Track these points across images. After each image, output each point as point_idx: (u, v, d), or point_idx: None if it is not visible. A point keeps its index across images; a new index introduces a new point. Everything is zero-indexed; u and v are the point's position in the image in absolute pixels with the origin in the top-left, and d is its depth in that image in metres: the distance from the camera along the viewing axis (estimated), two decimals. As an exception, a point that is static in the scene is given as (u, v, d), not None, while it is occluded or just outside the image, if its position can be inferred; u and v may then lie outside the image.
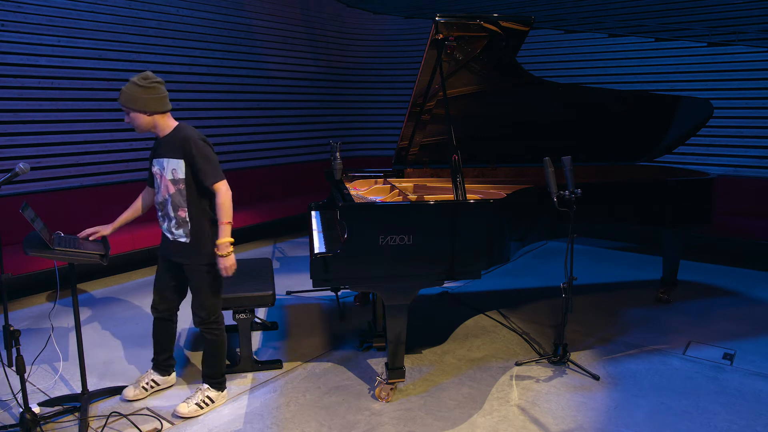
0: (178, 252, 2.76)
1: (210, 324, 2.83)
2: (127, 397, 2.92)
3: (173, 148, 2.64)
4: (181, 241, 2.73)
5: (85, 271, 5.09)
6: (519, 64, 3.49)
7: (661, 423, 2.72)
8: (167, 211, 2.72)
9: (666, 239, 4.38)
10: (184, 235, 2.72)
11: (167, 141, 2.68)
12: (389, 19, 8.40)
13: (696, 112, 4.27)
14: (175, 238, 2.74)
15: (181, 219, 2.71)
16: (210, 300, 2.81)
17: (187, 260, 2.75)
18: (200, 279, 2.77)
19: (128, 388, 2.96)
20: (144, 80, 2.59)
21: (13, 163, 4.79)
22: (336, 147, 3.59)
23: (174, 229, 2.73)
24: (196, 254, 2.74)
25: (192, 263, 2.75)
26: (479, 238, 2.88)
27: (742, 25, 5.93)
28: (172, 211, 2.70)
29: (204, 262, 2.75)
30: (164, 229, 2.79)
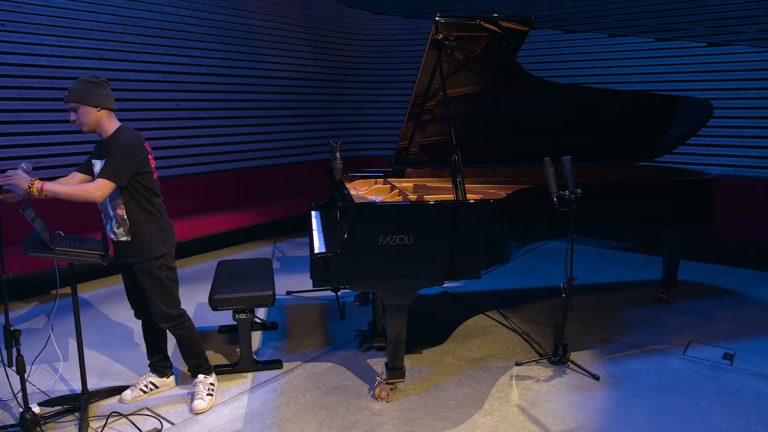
0: (122, 252, 2.77)
1: (174, 320, 2.86)
2: (125, 401, 2.92)
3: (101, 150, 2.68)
4: (122, 240, 2.74)
5: (85, 271, 5.09)
6: (519, 64, 3.49)
7: (661, 423, 2.72)
8: (107, 210, 2.73)
9: (666, 239, 4.38)
10: (124, 234, 2.73)
11: (106, 142, 2.67)
12: (389, 19, 8.40)
13: (696, 112, 4.26)
14: (117, 237, 2.74)
15: (119, 217, 2.71)
16: (164, 297, 2.81)
17: (132, 259, 2.75)
18: (147, 277, 2.77)
19: (126, 392, 2.96)
20: (96, 78, 2.63)
21: (13, 164, 4.80)
22: (336, 147, 3.59)
23: (115, 228, 2.73)
24: (138, 253, 2.74)
25: (136, 262, 2.75)
26: (479, 238, 2.88)
27: (742, 25, 5.93)
28: (111, 210, 2.71)
29: (147, 258, 2.74)
30: (108, 230, 2.78)
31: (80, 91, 2.57)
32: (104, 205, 2.72)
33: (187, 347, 2.95)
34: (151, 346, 3.03)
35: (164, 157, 5.90)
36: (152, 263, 2.76)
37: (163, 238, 2.79)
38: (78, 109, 2.60)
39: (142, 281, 2.79)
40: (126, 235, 2.73)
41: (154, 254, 2.75)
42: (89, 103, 2.59)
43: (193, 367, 2.99)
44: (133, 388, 2.97)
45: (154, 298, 2.80)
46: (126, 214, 2.70)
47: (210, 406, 2.88)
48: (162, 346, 3.05)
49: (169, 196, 5.78)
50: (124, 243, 2.74)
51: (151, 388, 3.00)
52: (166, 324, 2.86)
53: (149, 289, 2.79)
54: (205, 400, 2.87)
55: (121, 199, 2.68)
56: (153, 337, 3.02)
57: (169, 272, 2.82)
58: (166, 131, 5.92)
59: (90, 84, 2.60)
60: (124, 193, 2.68)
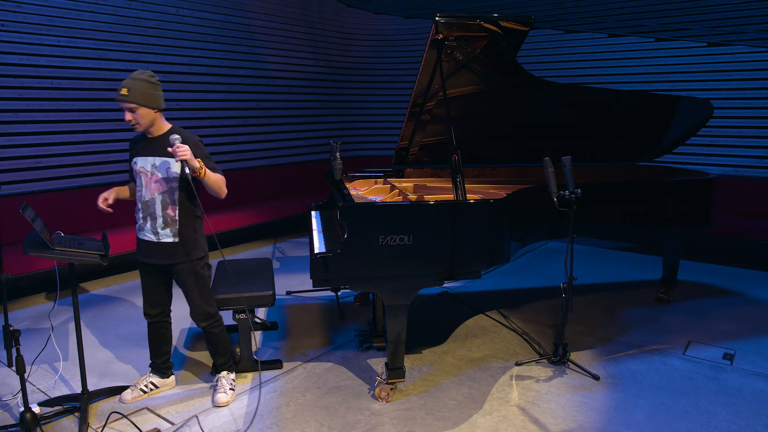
0: (164, 253, 2.75)
1: (211, 318, 2.91)
2: (125, 401, 2.92)
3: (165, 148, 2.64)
4: (167, 242, 2.73)
5: (85, 271, 5.09)
6: (519, 64, 3.49)
7: (661, 423, 2.72)
8: (153, 210, 2.71)
9: (666, 239, 4.38)
10: (171, 235, 2.73)
11: (161, 140, 2.69)
12: (389, 19, 8.40)
13: (696, 112, 4.26)
14: (160, 238, 2.73)
15: (169, 218, 2.72)
16: (205, 297, 2.87)
17: (175, 260, 2.76)
18: (190, 278, 2.80)
19: (126, 392, 2.96)
20: (152, 77, 2.65)
21: (14, 163, 4.80)
22: (336, 147, 3.59)
23: (160, 228, 2.72)
24: (184, 253, 2.76)
25: (180, 263, 2.77)
26: (479, 238, 2.88)
27: (742, 25, 5.93)
28: (160, 209, 2.70)
29: (194, 258, 2.79)
30: (146, 230, 2.74)
31: (142, 94, 2.58)
32: (152, 204, 2.70)
33: (219, 345, 2.99)
34: (157, 348, 3.01)
35: (164, 157, 5.89)
36: (198, 263, 2.80)
37: (204, 238, 2.87)
38: (137, 110, 2.62)
39: (186, 281, 2.81)
40: (173, 237, 2.73)
41: (200, 253, 2.81)
42: (150, 105, 2.62)
43: (220, 364, 3.02)
44: (133, 388, 2.97)
45: (197, 297, 2.84)
46: (178, 215, 2.72)
47: (232, 400, 2.92)
48: (167, 348, 3.05)
49: (169, 196, 5.79)
50: (168, 244, 2.73)
51: (151, 388, 3.00)
52: (204, 322, 2.89)
53: (193, 288, 2.83)
54: (228, 393, 2.92)
55: (176, 200, 2.70)
56: (159, 339, 3.00)
57: (209, 271, 2.90)
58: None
59: (150, 85, 2.62)
60: (182, 192, 2.70)
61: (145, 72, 2.65)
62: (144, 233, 2.76)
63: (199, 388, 3.08)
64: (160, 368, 3.04)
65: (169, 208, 2.71)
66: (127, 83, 2.58)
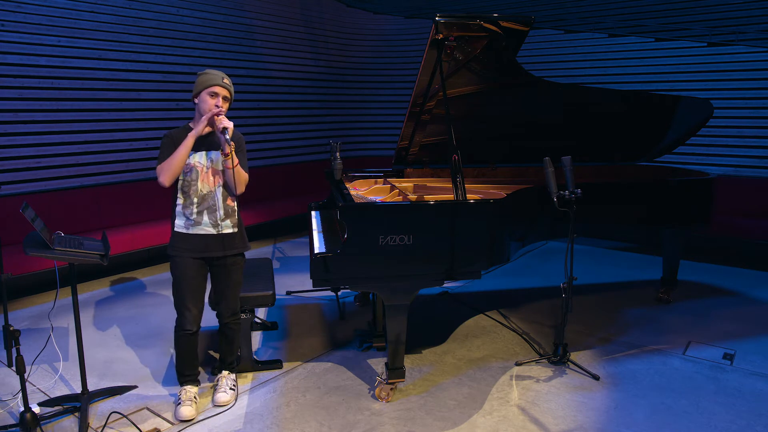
0: (223, 245, 2.78)
1: (237, 315, 2.97)
2: (186, 417, 2.73)
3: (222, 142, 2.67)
4: (227, 233, 2.79)
5: (85, 271, 5.09)
6: (519, 64, 3.49)
7: (661, 423, 2.72)
8: (215, 202, 2.75)
9: (666, 239, 4.38)
10: (231, 225, 2.80)
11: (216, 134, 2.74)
12: (389, 19, 8.40)
13: (696, 112, 4.27)
14: (221, 230, 2.77)
15: (230, 209, 2.80)
16: (240, 291, 2.95)
17: (234, 250, 2.82)
18: (239, 270, 2.89)
19: (183, 408, 2.75)
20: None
21: (14, 163, 4.80)
22: (336, 147, 3.59)
23: (220, 220, 2.76)
24: (242, 244, 2.87)
25: (240, 253, 2.86)
26: (479, 238, 2.88)
27: (742, 25, 5.93)
28: (222, 200, 2.77)
29: (245, 249, 2.89)
30: (204, 224, 2.74)
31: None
32: (210, 196, 2.75)
33: (235, 342, 3.02)
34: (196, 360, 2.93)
35: (164, 157, 5.90)
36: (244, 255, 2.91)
37: None
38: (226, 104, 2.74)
39: (235, 274, 2.87)
40: (233, 227, 2.81)
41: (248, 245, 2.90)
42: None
43: (228, 363, 3.03)
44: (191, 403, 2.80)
45: (237, 291, 2.92)
46: (236, 205, 2.82)
47: (233, 400, 2.92)
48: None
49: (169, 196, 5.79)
50: (228, 235, 2.79)
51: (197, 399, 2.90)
52: (232, 317, 2.94)
53: (238, 282, 2.90)
54: (229, 393, 2.92)
55: (233, 191, 2.77)
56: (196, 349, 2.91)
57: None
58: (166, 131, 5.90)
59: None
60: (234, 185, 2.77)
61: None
62: (201, 227, 2.75)
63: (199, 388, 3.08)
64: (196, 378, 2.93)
65: (229, 199, 2.80)
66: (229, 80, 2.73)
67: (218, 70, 2.75)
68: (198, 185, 2.73)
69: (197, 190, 2.73)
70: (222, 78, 2.70)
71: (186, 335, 2.79)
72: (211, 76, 2.70)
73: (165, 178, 2.64)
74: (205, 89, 2.69)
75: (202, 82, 2.70)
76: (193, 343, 2.85)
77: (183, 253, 2.76)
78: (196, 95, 2.73)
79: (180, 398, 2.82)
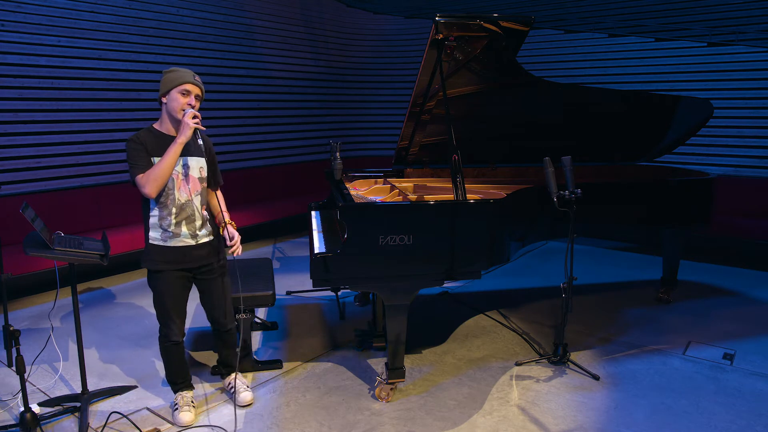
0: (202, 255, 2.69)
1: (234, 319, 2.93)
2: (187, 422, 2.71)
3: (196, 147, 2.61)
4: (206, 242, 2.70)
5: (85, 271, 5.09)
6: (519, 64, 3.49)
7: (661, 423, 2.72)
8: (192, 211, 2.63)
9: (666, 239, 4.38)
10: (207, 234, 2.71)
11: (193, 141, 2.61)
12: (389, 19, 8.40)
13: (696, 112, 4.27)
14: (199, 240, 2.66)
15: (205, 218, 2.71)
16: (231, 295, 2.88)
17: (215, 258, 2.75)
18: (226, 273, 2.84)
19: (183, 413, 2.72)
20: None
21: (14, 163, 4.80)
22: (336, 147, 3.59)
23: (198, 230, 2.66)
24: (220, 251, 2.79)
25: (218, 261, 2.77)
26: (479, 238, 2.88)
27: (742, 25, 5.93)
28: (198, 210, 2.66)
29: (224, 257, 2.83)
30: (183, 235, 2.62)
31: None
32: (187, 205, 2.62)
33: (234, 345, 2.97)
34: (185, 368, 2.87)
35: (164, 157, 5.90)
36: (225, 261, 2.84)
37: None
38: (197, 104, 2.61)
39: (224, 281, 2.82)
40: (209, 235, 2.72)
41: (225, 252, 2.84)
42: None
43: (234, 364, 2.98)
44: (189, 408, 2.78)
45: (229, 297, 2.86)
46: (208, 214, 2.74)
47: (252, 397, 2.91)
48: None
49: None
50: (205, 244, 2.70)
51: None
52: (231, 324, 2.89)
53: (226, 288, 2.84)
54: (250, 391, 2.91)
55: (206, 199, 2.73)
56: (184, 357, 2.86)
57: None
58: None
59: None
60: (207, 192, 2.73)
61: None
62: (180, 239, 2.61)
63: (198, 388, 3.08)
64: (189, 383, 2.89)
65: (202, 207, 2.69)
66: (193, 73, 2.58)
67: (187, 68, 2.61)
68: (175, 194, 2.57)
69: (175, 199, 2.57)
70: (193, 75, 2.55)
71: (173, 345, 2.73)
72: (182, 73, 2.53)
73: (152, 189, 2.47)
74: (175, 87, 2.51)
75: (171, 80, 2.52)
76: (181, 351, 2.79)
77: (162, 266, 2.61)
78: (165, 94, 2.54)
79: (177, 404, 2.77)
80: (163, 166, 2.47)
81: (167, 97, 2.54)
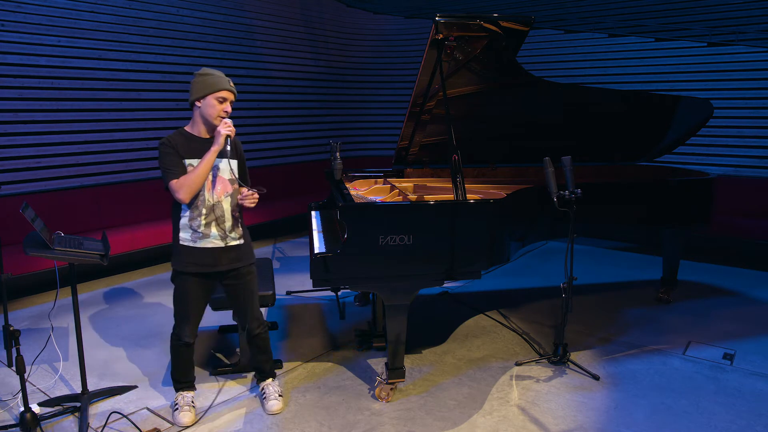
0: (231, 258, 2.66)
1: (264, 324, 2.87)
2: (186, 423, 2.70)
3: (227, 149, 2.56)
4: (234, 245, 2.67)
5: (85, 271, 5.09)
6: (519, 64, 3.49)
7: (661, 423, 2.72)
8: (222, 213, 2.61)
9: (666, 239, 4.38)
10: (237, 237, 2.68)
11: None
12: (389, 19, 8.40)
13: (696, 112, 4.27)
14: (228, 242, 2.64)
15: (235, 220, 2.68)
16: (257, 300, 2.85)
17: (245, 262, 2.72)
18: (254, 280, 2.79)
19: (183, 413, 2.72)
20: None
21: (14, 163, 4.80)
22: (336, 147, 3.59)
23: (229, 232, 2.64)
24: (251, 254, 2.77)
25: (247, 264, 2.74)
26: (479, 238, 2.88)
27: (742, 25, 5.93)
28: (229, 212, 2.64)
29: (254, 261, 2.80)
30: (213, 236, 2.60)
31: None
32: (217, 207, 2.61)
33: (269, 349, 2.93)
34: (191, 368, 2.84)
35: (164, 157, 5.89)
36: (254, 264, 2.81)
37: None
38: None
39: (252, 284, 2.78)
40: (239, 239, 2.69)
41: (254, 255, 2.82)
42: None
43: (269, 370, 2.95)
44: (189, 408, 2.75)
45: (257, 302, 2.83)
46: (240, 216, 2.72)
47: (284, 406, 2.86)
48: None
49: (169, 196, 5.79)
50: (234, 247, 2.67)
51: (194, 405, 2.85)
52: (259, 328, 2.83)
53: (254, 292, 2.81)
54: (279, 400, 2.84)
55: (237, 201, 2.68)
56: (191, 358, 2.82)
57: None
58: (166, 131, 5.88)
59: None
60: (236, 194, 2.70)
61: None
62: (209, 240, 2.60)
63: (199, 388, 3.08)
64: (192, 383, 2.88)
65: (234, 210, 2.67)
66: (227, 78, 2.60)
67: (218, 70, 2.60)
68: (205, 195, 2.57)
69: (205, 200, 2.57)
70: (228, 81, 2.56)
71: (184, 346, 2.73)
72: (218, 78, 2.53)
73: (185, 195, 2.48)
74: (212, 93, 2.51)
75: (208, 85, 2.51)
76: (190, 353, 2.78)
77: (189, 268, 2.61)
78: (200, 98, 2.53)
79: (177, 404, 2.77)
80: (197, 174, 2.48)
81: (202, 101, 2.54)
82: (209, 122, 2.57)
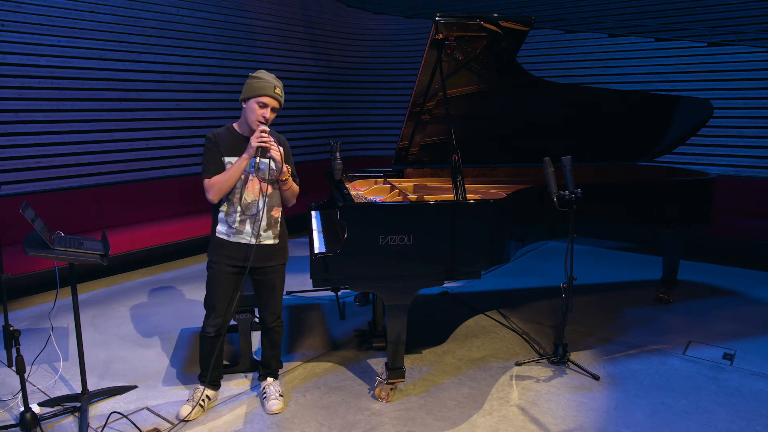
0: (262, 256, 2.70)
1: (280, 318, 2.92)
2: (183, 416, 2.72)
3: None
4: (267, 243, 2.71)
5: (85, 271, 5.09)
6: (519, 64, 3.49)
7: (661, 423, 2.72)
8: (258, 211, 2.64)
9: (666, 239, 4.38)
10: (272, 236, 2.73)
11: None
12: (389, 19, 8.40)
13: (696, 112, 4.27)
14: (261, 240, 2.68)
15: (274, 219, 2.71)
16: (282, 297, 2.90)
17: (273, 262, 2.76)
18: (279, 279, 2.84)
19: (184, 406, 2.76)
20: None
21: (14, 163, 4.80)
22: (336, 147, 3.59)
23: (262, 231, 2.67)
24: (282, 255, 2.80)
25: (277, 264, 2.78)
26: (479, 238, 2.88)
27: (742, 25, 5.93)
28: (266, 211, 2.67)
29: (284, 262, 2.84)
30: (245, 233, 2.65)
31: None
32: (253, 206, 2.64)
33: (277, 347, 2.96)
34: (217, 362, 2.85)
35: (164, 157, 5.90)
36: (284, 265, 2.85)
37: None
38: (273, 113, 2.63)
39: (277, 283, 2.83)
40: (274, 239, 2.74)
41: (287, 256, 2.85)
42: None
43: (274, 368, 2.98)
44: (191, 403, 2.77)
45: (279, 297, 2.87)
46: (280, 216, 2.75)
47: (285, 407, 2.86)
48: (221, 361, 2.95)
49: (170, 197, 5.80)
50: (267, 246, 2.71)
51: (206, 402, 2.85)
52: (275, 322, 2.89)
53: (279, 289, 2.86)
54: (280, 400, 2.85)
55: (280, 201, 2.73)
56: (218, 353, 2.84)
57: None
58: (166, 131, 5.92)
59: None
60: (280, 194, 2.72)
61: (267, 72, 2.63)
62: (241, 236, 2.66)
63: (199, 388, 3.08)
64: (213, 381, 2.90)
65: (274, 209, 2.70)
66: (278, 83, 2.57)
67: (271, 75, 2.58)
68: (242, 192, 2.62)
69: (241, 197, 2.62)
70: (274, 88, 2.54)
71: (207, 337, 2.76)
72: (264, 83, 2.53)
73: (213, 196, 2.57)
74: (254, 97, 2.53)
75: (254, 89, 2.53)
76: (213, 347, 2.77)
77: (222, 259, 2.68)
78: (245, 100, 2.57)
79: (189, 397, 2.83)
80: (226, 178, 2.55)
81: (246, 103, 2.59)
82: (248, 124, 2.62)
